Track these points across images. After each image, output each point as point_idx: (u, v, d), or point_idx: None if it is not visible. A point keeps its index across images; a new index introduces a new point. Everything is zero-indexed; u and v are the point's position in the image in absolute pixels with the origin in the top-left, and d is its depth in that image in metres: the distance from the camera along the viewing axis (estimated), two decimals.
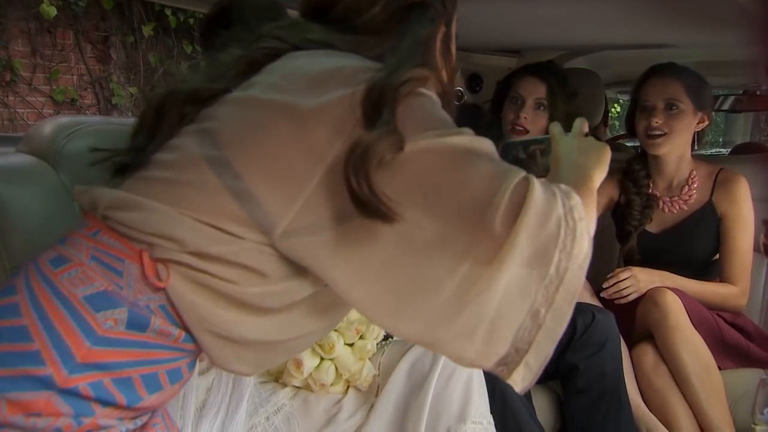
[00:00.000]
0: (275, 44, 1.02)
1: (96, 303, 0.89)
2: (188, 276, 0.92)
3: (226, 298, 0.92)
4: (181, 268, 0.91)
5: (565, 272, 0.90)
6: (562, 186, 0.94)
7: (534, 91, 2.35)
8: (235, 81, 1.00)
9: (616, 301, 2.19)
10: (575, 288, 0.92)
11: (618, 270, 2.22)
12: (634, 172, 2.37)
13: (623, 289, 2.18)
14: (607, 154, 1.16)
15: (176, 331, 0.93)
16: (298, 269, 0.94)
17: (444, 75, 1.16)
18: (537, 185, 0.89)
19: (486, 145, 0.92)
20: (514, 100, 2.36)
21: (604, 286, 2.19)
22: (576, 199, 0.92)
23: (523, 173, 0.90)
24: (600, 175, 1.13)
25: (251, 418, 1.42)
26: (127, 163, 1.04)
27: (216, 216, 0.91)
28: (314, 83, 0.92)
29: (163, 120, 1.02)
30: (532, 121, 2.35)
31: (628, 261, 2.39)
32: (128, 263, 0.92)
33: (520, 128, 2.33)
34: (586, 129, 1.23)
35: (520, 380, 0.97)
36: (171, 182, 0.95)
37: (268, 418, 1.44)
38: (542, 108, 2.35)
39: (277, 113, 0.92)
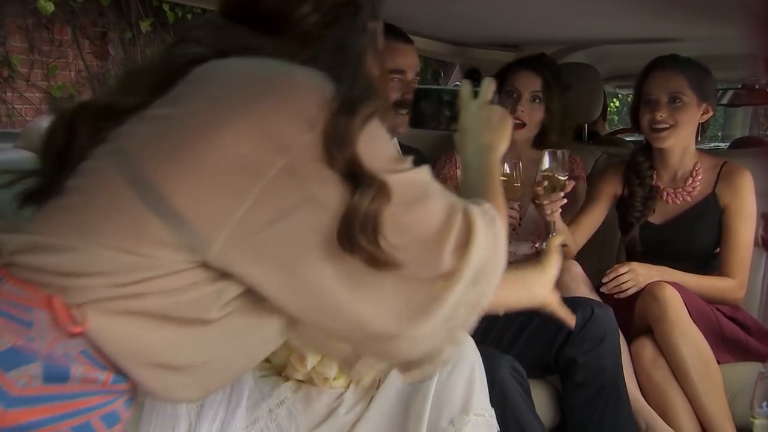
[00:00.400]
0: (197, 50, 0.93)
1: (5, 361, 0.81)
2: (113, 309, 0.84)
3: (158, 317, 0.85)
4: (104, 303, 0.84)
5: (487, 289, 0.96)
6: (487, 207, 1.00)
7: (530, 84, 2.36)
8: (152, 94, 0.90)
9: (615, 296, 2.19)
10: (489, 298, 0.98)
11: (617, 265, 2.22)
12: (638, 164, 2.37)
13: (622, 283, 2.18)
14: (509, 126, 1.27)
15: (103, 375, 0.86)
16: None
17: (379, 81, 1.07)
18: (478, 220, 0.93)
19: (429, 175, 0.94)
20: (510, 94, 2.37)
21: (604, 281, 2.19)
22: (497, 216, 0.99)
23: (462, 205, 0.94)
24: (502, 148, 1.26)
25: (252, 412, 1.42)
26: (36, 189, 0.94)
27: (140, 242, 0.84)
28: (250, 95, 0.85)
29: (73, 139, 0.91)
30: (529, 114, 2.36)
31: (630, 253, 2.39)
32: (38, 311, 0.83)
33: (519, 122, 2.34)
34: (491, 94, 1.28)
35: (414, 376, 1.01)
36: (86, 211, 0.86)
37: (271, 411, 1.44)
38: (538, 101, 2.37)
39: (206, 129, 0.84)
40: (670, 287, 2.11)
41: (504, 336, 2.07)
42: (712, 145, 6.43)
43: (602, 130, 4.16)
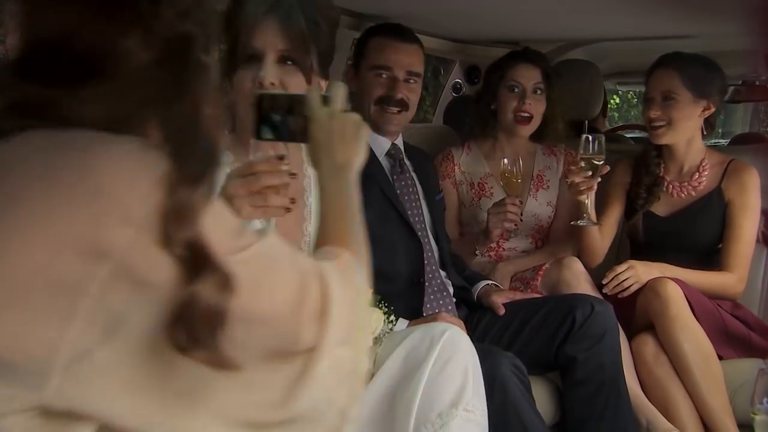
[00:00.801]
0: None
1: None
2: None
3: None
4: None
5: (359, 349, 0.91)
6: (344, 261, 0.94)
7: (531, 76, 2.40)
8: None
9: (618, 295, 2.20)
10: (365, 347, 0.93)
11: (615, 266, 2.23)
12: (647, 156, 2.42)
13: (623, 281, 2.19)
14: (366, 135, 1.12)
15: None
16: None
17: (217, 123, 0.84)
18: (334, 284, 0.85)
19: (275, 242, 0.82)
20: (512, 89, 2.39)
21: (604, 282, 2.20)
22: (354, 267, 0.94)
23: (316, 270, 0.85)
24: (359, 163, 1.11)
25: None
26: None
27: None
28: (54, 193, 0.69)
29: None
30: (535, 107, 2.40)
31: (632, 242, 2.42)
32: None
33: (527, 114, 2.39)
34: (343, 100, 1.12)
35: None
36: None
37: None
38: (539, 92, 2.41)
39: (7, 244, 0.69)
40: (672, 283, 2.12)
41: (505, 333, 2.07)
42: (713, 141, 6.41)
43: (602, 127, 4.16)
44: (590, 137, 2.17)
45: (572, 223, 2.29)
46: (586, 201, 2.21)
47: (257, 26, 1.42)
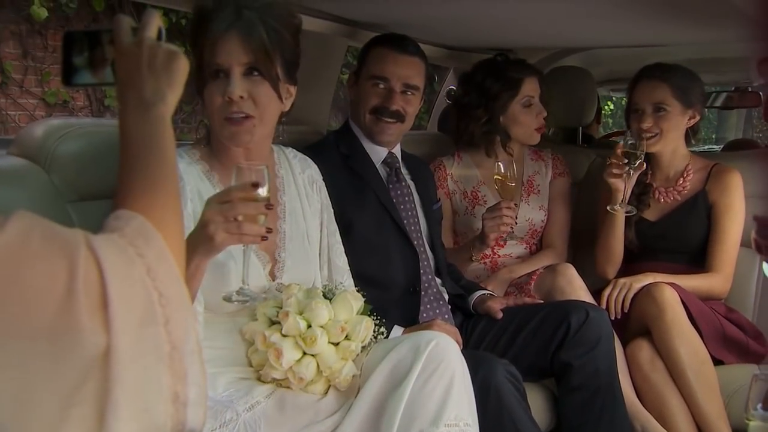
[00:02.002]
0: None
1: None
2: None
3: None
4: None
5: (169, 317, 0.76)
6: (127, 230, 0.77)
7: (536, 88, 2.46)
8: None
9: (624, 309, 2.21)
10: (186, 322, 0.78)
11: (603, 292, 2.24)
12: None
13: (616, 297, 2.21)
14: (183, 68, 0.94)
15: None
16: None
17: None
18: (105, 257, 0.72)
19: (28, 220, 0.71)
20: (527, 104, 2.44)
21: (603, 305, 2.21)
22: (147, 235, 0.78)
23: (79, 239, 0.72)
24: (173, 98, 0.93)
25: (222, 415, 1.41)
26: None
27: None
28: None
29: None
30: (543, 116, 2.48)
31: (626, 247, 2.42)
32: None
33: (541, 125, 2.47)
34: (155, 28, 0.96)
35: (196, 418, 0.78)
36: None
37: (238, 414, 1.43)
38: (542, 102, 2.49)
39: None
40: (669, 288, 2.13)
41: (500, 340, 2.07)
42: (706, 147, 6.44)
43: (596, 134, 4.18)
44: (632, 133, 2.25)
45: (608, 208, 2.30)
46: (622, 190, 2.24)
47: (220, 43, 1.46)
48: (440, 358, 1.45)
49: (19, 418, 0.67)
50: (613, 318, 2.16)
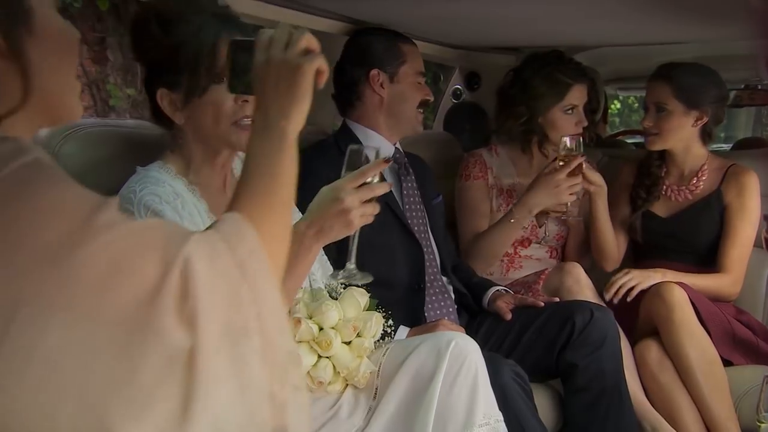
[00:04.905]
0: None
1: None
2: None
3: None
4: None
5: (260, 312, 0.76)
6: (223, 226, 0.79)
7: (583, 96, 2.41)
8: None
9: (626, 297, 2.19)
10: (278, 318, 0.78)
11: (616, 275, 2.22)
12: (649, 159, 2.46)
13: (626, 284, 2.18)
14: (306, 86, 0.92)
15: None
16: None
17: None
18: (198, 257, 0.72)
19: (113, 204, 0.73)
20: (569, 110, 2.37)
21: (606, 293, 2.19)
22: (241, 231, 0.78)
23: (177, 247, 0.72)
24: (300, 112, 0.91)
25: None
26: None
27: None
28: None
29: None
30: None
31: (634, 242, 2.44)
32: None
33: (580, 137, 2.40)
34: (284, 41, 0.93)
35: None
36: None
37: None
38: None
39: None
40: (678, 288, 2.12)
41: (505, 340, 2.06)
42: (715, 146, 6.39)
43: (603, 133, 4.15)
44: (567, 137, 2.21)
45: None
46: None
47: (218, 48, 1.43)
48: (462, 358, 1.47)
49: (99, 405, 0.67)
50: (608, 300, 2.16)
